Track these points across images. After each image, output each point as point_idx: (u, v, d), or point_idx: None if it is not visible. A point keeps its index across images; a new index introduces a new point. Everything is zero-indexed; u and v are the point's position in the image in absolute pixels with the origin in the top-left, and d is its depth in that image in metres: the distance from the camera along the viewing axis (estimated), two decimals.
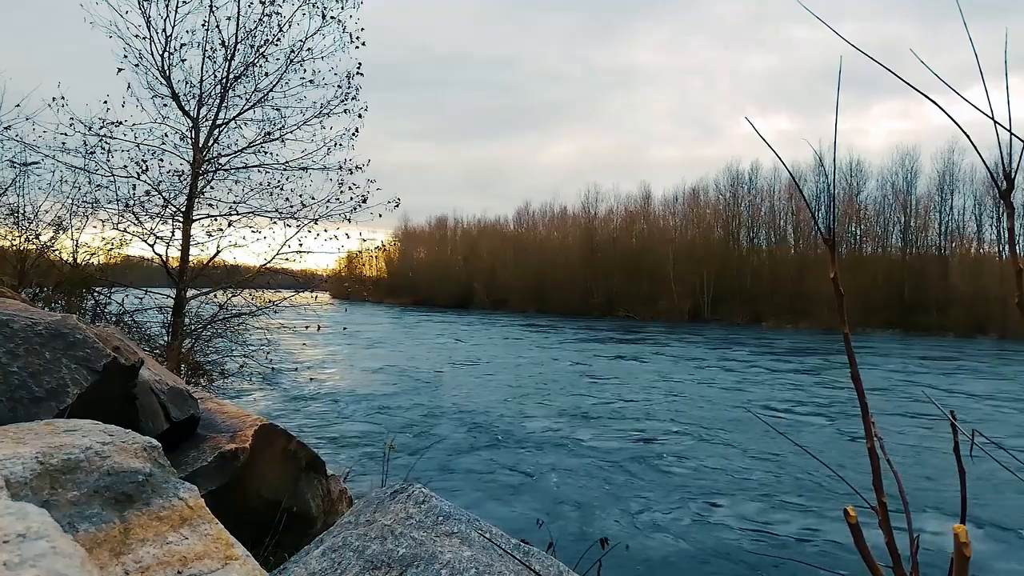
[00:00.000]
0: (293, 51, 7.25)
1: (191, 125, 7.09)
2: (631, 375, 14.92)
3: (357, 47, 7.38)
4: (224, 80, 7.07)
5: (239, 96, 7.24)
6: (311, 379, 10.81)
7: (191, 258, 7.17)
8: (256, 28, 7.07)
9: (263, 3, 7.03)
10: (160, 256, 7.09)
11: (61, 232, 6.98)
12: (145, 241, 7.03)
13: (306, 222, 7.45)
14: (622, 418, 9.73)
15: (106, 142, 6.75)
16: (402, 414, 9.64)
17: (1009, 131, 0.64)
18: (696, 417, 9.94)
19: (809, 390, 13.23)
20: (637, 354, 20.17)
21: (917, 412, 10.70)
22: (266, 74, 7.25)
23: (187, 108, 7.06)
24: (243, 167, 7.44)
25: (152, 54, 6.80)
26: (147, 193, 6.94)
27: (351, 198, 7.44)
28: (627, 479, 6.60)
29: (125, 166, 6.86)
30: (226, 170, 7.41)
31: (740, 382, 14.22)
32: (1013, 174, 0.64)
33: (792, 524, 5.44)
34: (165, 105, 7.01)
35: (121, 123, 6.78)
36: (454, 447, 7.68)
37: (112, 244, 7.11)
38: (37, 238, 6.94)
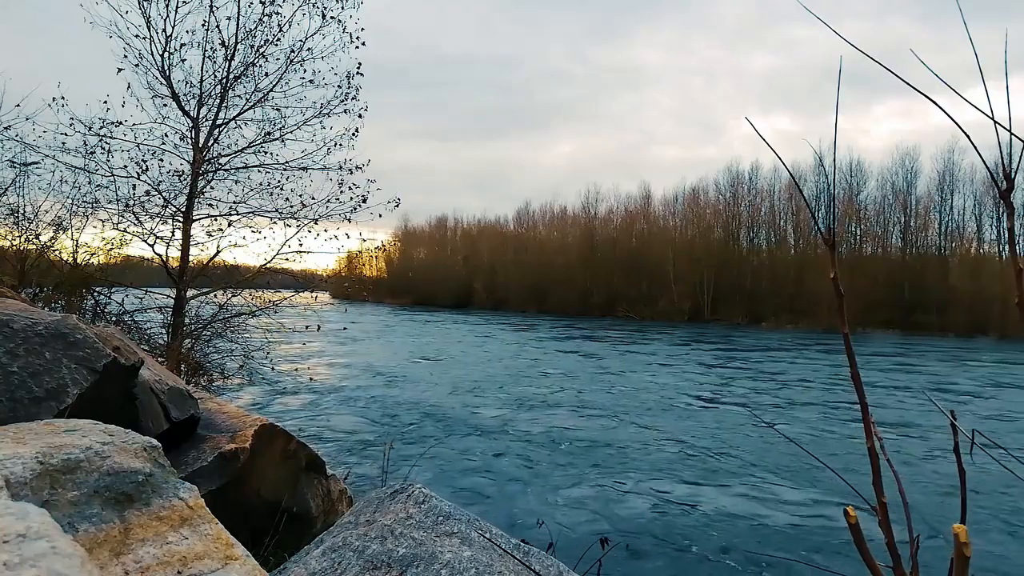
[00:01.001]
0: (293, 51, 7.25)
1: (191, 125, 7.09)
2: (631, 376, 14.92)
3: (357, 47, 7.38)
4: (224, 80, 7.07)
5: (239, 96, 7.24)
6: (311, 379, 10.80)
7: (191, 258, 7.17)
8: (256, 28, 7.08)
9: (263, 3, 7.03)
10: (160, 256, 7.09)
11: (61, 232, 6.98)
12: (145, 241, 7.03)
13: (306, 222, 7.45)
14: (623, 419, 9.73)
15: (106, 142, 6.75)
16: (402, 414, 9.64)
17: (1009, 131, 0.64)
18: (697, 417, 9.94)
19: (809, 390, 13.23)
20: (637, 354, 20.17)
21: (917, 412, 10.70)
22: (266, 74, 7.26)
23: (187, 108, 7.06)
24: (243, 167, 7.44)
25: (152, 54, 6.81)
26: (147, 193, 6.94)
27: (351, 198, 7.44)
28: (628, 479, 6.60)
29: (125, 166, 6.86)
30: (226, 170, 7.41)
31: (741, 382, 14.22)
32: (1013, 174, 0.64)
33: (792, 525, 5.44)
34: (165, 105, 7.01)
35: (121, 123, 6.79)
36: (454, 447, 7.68)
37: (112, 244, 7.11)
38: (37, 238, 6.94)
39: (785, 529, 5.34)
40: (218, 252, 7.44)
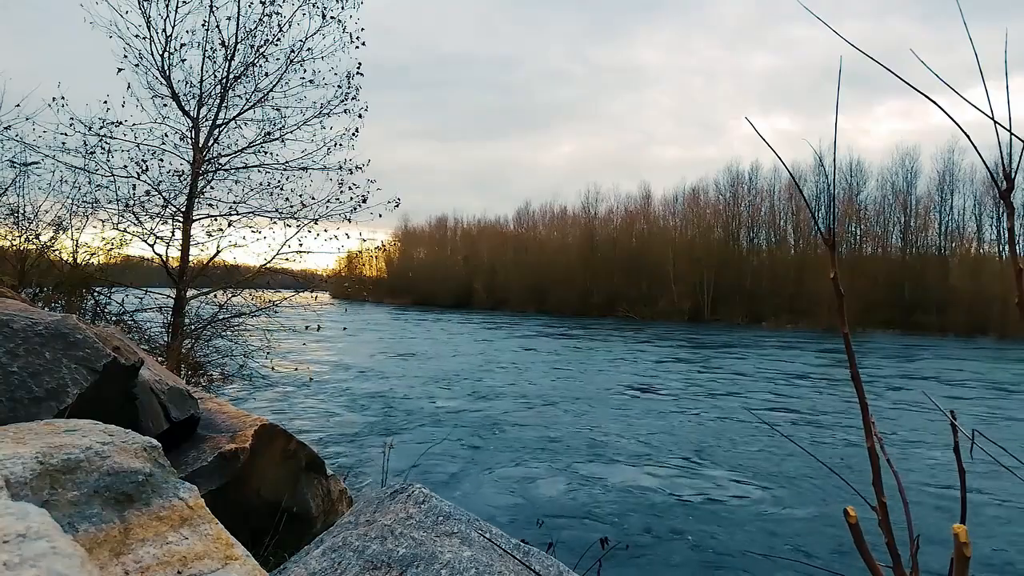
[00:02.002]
0: (293, 51, 7.25)
1: (191, 125, 7.08)
2: (632, 376, 14.93)
3: (357, 47, 7.38)
4: (224, 80, 7.07)
5: (239, 96, 7.24)
6: (311, 379, 10.80)
7: (191, 258, 7.17)
8: (256, 28, 7.07)
9: (263, 3, 7.03)
10: (160, 256, 7.09)
11: (61, 232, 6.98)
12: (145, 241, 7.03)
13: (306, 222, 7.45)
14: (622, 419, 9.73)
15: (106, 142, 6.75)
16: (402, 414, 9.64)
17: (1009, 131, 0.64)
18: (698, 418, 9.94)
19: (809, 390, 13.23)
20: (638, 355, 20.17)
21: (917, 412, 10.69)
22: (266, 74, 7.25)
23: (187, 108, 7.06)
24: (243, 167, 7.44)
25: (152, 54, 6.81)
26: (147, 193, 6.94)
27: (351, 198, 7.43)
28: (628, 480, 6.60)
29: (125, 166, 6.86)
30: (226, 170, 7.41)
31: (741, 382, 14.22)
32: (1013, 174, 0.64)
33: (793, 525, 5.44)
34: (165, 105, 7.01)
35: (121, 123, 6.78)
36: (454, 447, 7.68)
37: (112, 244, 7.11)
38: (37, 238, 6.94)
39: (786, 529, 5.34)
40: (218, 252, 7.44)
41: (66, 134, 6.55)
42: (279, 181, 7.46)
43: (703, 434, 8.75)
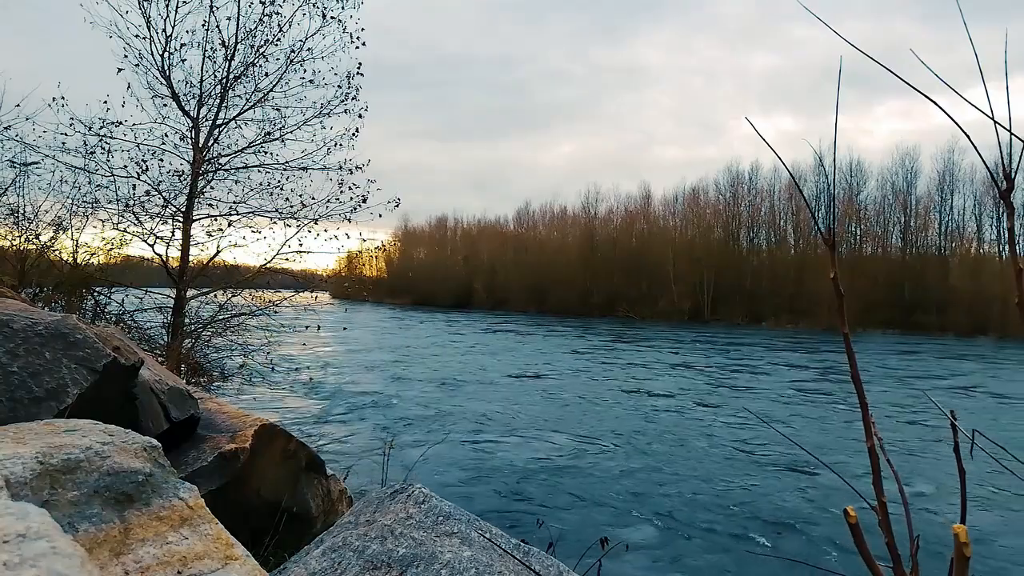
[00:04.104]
0: (293, 51, 7.25)
1: (191, 125, 7.09)
2: (632, 377, 14.93)
3: (357, 47, 7.39)
4: (224, 80, 7.08)
5: (239, 96, 7.25)
6: (311, 379, 10.80)
7: (191, 258, 7.17)
8: (256, 28, 7.08)
9: (263, 3, 7.04)
10: (160, 256, 7.09)
11: (61, 232, 6.98)
12: (145, 241, 7.03)
13: (306, 222, 7.46)
14: (624, 419, 9.74)
15: (106, 142, 6.76)
16: (402, 414, 9.64)
17: (1009, 131, 0.64)
18: (699, 417, 9.94)
19: (809, 390, 13.23)
20: (637, 355, 20.17)
21: (917, 412, 10.69)
22: (266, 74, 7.26)
23: (187, 108, 7.06)
24: (243, 167, 7.45)
25: (152, 54, 6.81)
26: (147, 193, 6.95)
27: (351, 198, 7.44)
28: (628, 480, 6.60)
29: (125, 166, 6.86)
30: (226, 170, 7.42)
31: (741, 382, 14.22)
32: (1013, 174, 0.64)
33: (793, 525, 5.44)
34: (165, 105, 7.02)
35: (121, 123, 6.79)
36: (454, 447, 7.68)
37: (112, 244, 7.11)
38: (37, 238, 6.95)
39: (786, 529, 5.34)
40: (218, 252, 7.45)
41: (66, 134, 6.57)
42: (279, 181, 7.47)
43: (704, 434, 8.75)
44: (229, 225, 7.38)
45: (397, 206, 7.65)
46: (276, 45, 7.21)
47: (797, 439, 8.53)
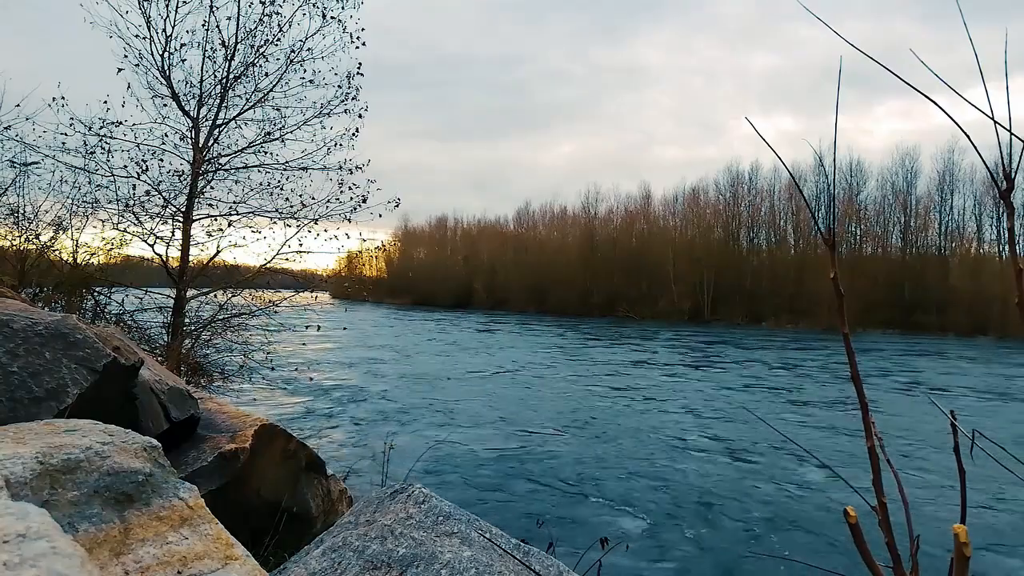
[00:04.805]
0: (293, 51, 7.25)
1: (191, 125, 7.08)
2: (632, 377, 14.93)
3: (357, 47, 7.39)
4: (224, 80, 7.07)
5: (239, 96, 7.24)
6: (311, 379, 10.80)
7: (191, 258, 7.17)
8: (256, 28, 7.08)
9: (263, 3, 7.03)
10: (160, 256, 7.09)
11: (61, 232, 6.98)
12: (145, 241, 7.03)
13: (306, 222, 7.45)
14: (623, 419, 9.73)
15: (106, 142, 6.75)
16: (402, 414, 9.64)
17: (1009, 131, 0.64)
18: (696, 417, 9.94)
19: (809, 390, 13.23)
20: (638, 355, 20.16)
21: (917, 412, 10.69)
22: (266, 74, 7.26)
23: (187, 108, 7.06)
24: (243, 167, 7.44)
25: (152, 54, 6.81)
26: (147, 193, 6.94)
27: (351, 198, 7.44)
28: (628, 480, 6.60)
29: (125, 166, 6.86)
30: (226, 170, 7.41)
31: (740, 381, 14.22)
32: (1013, 174, 0.64)
33: (793, 525, 5.44)
34: (165, 105, 7.01)
35: (121, 123, 6.78)
36: (454, 447, 7.68)
37: (112, 244, 7.11)
38: (37, 238, 6.94)
39: (786, 529, 5.34)
40: (218, 252, 7.44)
41: (66, 134, 6.56)
42: (279, 181, 7.47)
43: (703, 434, 8.75)
44: (229, 225, 7.38)
45: (397, 206, 7.66)
46: (276, 45, 7.22)
47: (797, 439, 8.53)
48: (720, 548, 4.90)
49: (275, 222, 7.46)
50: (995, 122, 0.64)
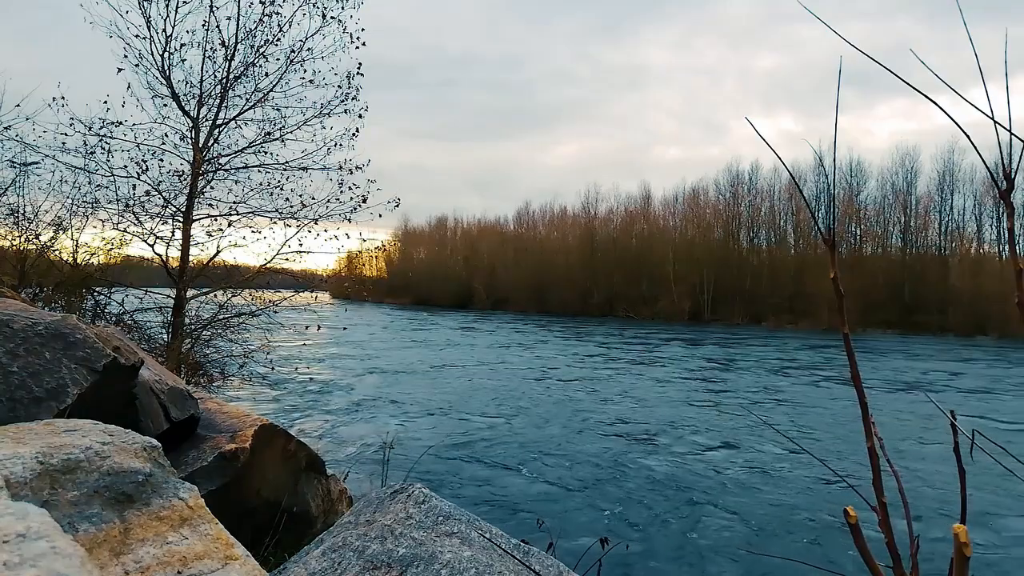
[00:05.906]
0: (293, 51, 7.25)
1: (191, 125, 7.09)
2: (632, 377, 14.92)
3: (357, 47, 7.39)
4: (224, 80, 7.07)
5: (239, 96, 7.24)
6: (311, 379, 10.81)
7: (191, 258, 7.17)
8: (256, 28, 7.08)
9: (263, 3, 7.03)
10: (160, 256, 7.09)
11: (61, 232, 6.98)
12: (145, 241, 7.03)
13: (306, 222, 7.46)
14: (623, 420, 9.73)
15: (106, 142, 6.75)
16: (402, 414, 9.64)
17: (1009, 131, 0.64)
18: (695, 418, 9.94)
19: (809, 390, 13.23)
20: (638, 355, 20.16)
21: (917, 412, 10.69)
22: (266, 74, 7.26)
23: (187, 108, 7.06)
24: (243, 167, 7.44)
25: (152, 54, 6.81)
26: (147, 193, 6.94)
27: (351, 198, 7.44)
28: (627, 480, 6.60)
29: (125, 166, 6.86)
30: (226, 170, 7.41)
31: (740, 382, 14.22)
32: (1013, 174, 0.64)
33: (793, 525, 5.44)
34: (165, 105, 7.01)
35: (121, 123, 6.78)
36: (454, 447, 7.68)
37: (112, 244, 7.11)
38: (37, 238, 6.94)
39: (786, 529, 5.34)
40: (218, 252, 7.44)
41: (66, 134, 6.56)
42: (279, 181, 7.47)
43: (703, 432, 8.75)
44: (229, 225, 7.39)
45: (397, 206, 7.66)
46: (276, 45, 7.22)
47: (797, 439, 8.53)
48: (721, 548, 4.90)
49: (275, 222, 7.47)
50: (995, 122, 0.64)
